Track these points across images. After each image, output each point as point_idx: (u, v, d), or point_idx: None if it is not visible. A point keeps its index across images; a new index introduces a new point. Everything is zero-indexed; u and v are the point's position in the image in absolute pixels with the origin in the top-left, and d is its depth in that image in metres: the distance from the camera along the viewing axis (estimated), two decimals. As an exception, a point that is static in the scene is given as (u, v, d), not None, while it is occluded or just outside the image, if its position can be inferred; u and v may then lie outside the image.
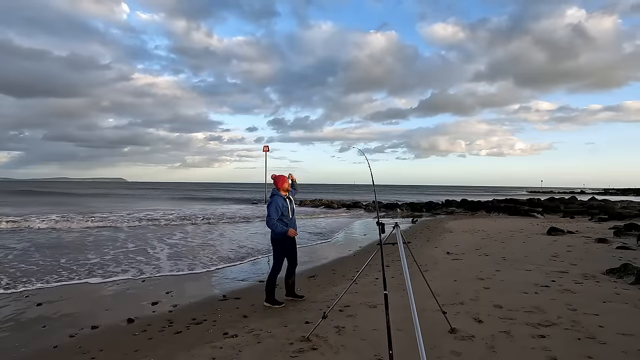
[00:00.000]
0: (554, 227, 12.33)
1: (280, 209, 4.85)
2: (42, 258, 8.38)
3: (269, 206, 4.89)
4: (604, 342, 3.40)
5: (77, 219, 15.48)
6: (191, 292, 5.90)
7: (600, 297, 4.77)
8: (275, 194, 4.96)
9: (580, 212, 21.31)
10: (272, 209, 4.83)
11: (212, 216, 19.23)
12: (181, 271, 7.34)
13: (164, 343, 3.80)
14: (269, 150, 37.13)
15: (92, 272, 7.17)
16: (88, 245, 10.26)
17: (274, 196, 4.94)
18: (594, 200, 30.93)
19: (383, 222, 3.28)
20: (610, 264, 6.58)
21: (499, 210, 23.27)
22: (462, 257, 8.05)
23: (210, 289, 6.16)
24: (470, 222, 16.96)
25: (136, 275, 6.93)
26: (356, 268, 7.20)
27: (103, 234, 12.53)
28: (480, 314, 4.25)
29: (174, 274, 7.09)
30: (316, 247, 10.58)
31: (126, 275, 6.93)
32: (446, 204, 28.88)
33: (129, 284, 6.43)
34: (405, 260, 3.07)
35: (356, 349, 3.41)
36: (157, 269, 7.46)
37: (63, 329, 4.33)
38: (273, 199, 4.91)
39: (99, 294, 5.88)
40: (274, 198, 4.91)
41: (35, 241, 10.78)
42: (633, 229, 10.94)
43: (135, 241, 10.95)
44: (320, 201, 32.98)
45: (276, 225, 4.81)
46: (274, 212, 4.82)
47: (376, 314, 4.33)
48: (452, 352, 3.27)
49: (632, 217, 16.31)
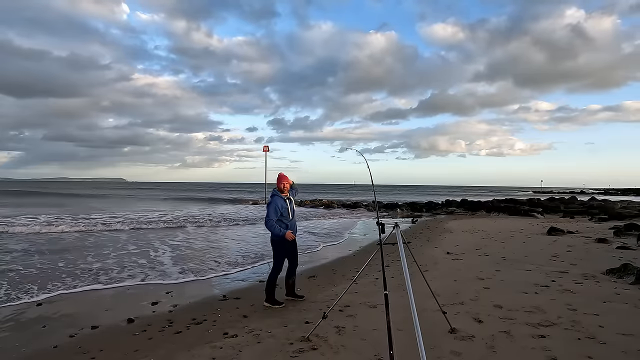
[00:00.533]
0: (554, 227, 12.32)
1: (280, 209, 4.79)
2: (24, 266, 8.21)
3: (269, 206, 4.82)
4: (604, 342, 3.40)
5: (67, 222, 14.85)
6: (191, 292, 5.89)
7: (600, 297, 4.76)
8: (275, 194, 4.89)
9: (580, 212, 21.30)
10: (271, 209, 4.77)
11: (212, 217, 19.22)
12: (187, 278, 6.80)
13: (164, 343, 3.80)
14: (269, 150, 37.10)
15: (94, 278, 6.66)
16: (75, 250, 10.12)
17: (274, 196, 4.87)
18: (594, 200, 30.95)
19: (383, 222, 3.29)
20: (610, 264, 6.58)
21: (499, 210, 23.27)
22: (462, 257, 8.05)
23: (210, 289, 6.16)
24: (470, 222, 16.95)
25: (141, 281, 6.55)
26: (356, 268, 7.20)
27: (96, 237, 12.51)
28: (480, 314, 4.25)
29: (179, 282, 6.58)
30: (318, 249, 10.48)
31: (132, 282, 6.50)
32: (446, 204, 28.88)
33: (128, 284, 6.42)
34: (405, 260, 3.07)
35: (356, 349, 3.41)
36: (161, 276, 6.92)
37: (63, 329, 4.33)
38: (273, 200, 4.84)
39: (98, 294, 5.88)
40: (274, 198, 4.84)
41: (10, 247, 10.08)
42: (633, 229, 10.94)
43: (137, 242, 10.93)
44: (320, 201, 32.96)
45: (274, 226, 4.74)
46: (272, 212, 4.75)
47: (376, 314, 4.33)
48: (452, 352, 3.27)
49: (632, 217, 16.31)
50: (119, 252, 9.20)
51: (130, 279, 6.72)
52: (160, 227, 14.65)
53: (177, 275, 7.04)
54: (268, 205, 4.87)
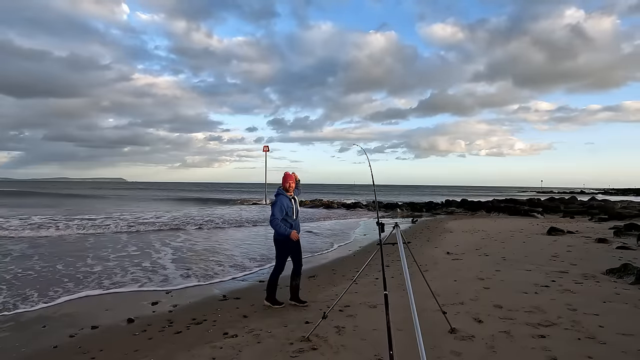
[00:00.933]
0: (554, 227, 12.32)
1: (285, 208, 4.70)
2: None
3: (274, 205, 4.73)
4: (604, 342, 3.39)
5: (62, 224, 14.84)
6: (191, 292, 5.89)
7: (600, 297, 4.76)
8: (281, 193, 4.81)
9: (580, 212, 21.31)
10: (277, 208, 4.67)
11: (212, 218, 19.19)
12: (189, 283, 6.46)
13: (164, 343, 3.80)
14: (269, 150, 37.25)
15: (98, 282, 6.40)
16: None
17: (279, 195, 4.79)
18: (594, 200, 30.95)
19: (383, 222, 3.28)
20: (610, 264, 6.58)
21: (499, 210, 23.28)
22: (462, 257, 8.05)
23: (211, 288, 6.16)
24: (470, 222, 16.96)
25: (140, 287, 6.21)
26: (356, 268, 7.20)
27: (96, 238, 12.51)
28: (480, 314, 4.25)
29: (182, 287, 6.24)
30: (327, 251, 10.35)
31: (131, 288, 6.19)
32: (446, 204, 28.89)
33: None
34: (405, 260, 3.07)
35: (356, 349, 3.41)
36: (164, 281, 6.57)
37: (63, 329, 4.33)
38: (278, 198, 4.76)
39: (98, 294, 5.87)
40: (279, 197, 4.76)
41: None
42: (633, 229, 10.94)
43: (138, 244, 10.93)
44: (320, 201, 32.96)
45: (280, 225, 4.65)
46: (278, 211, 4.66)
47: (376, 314, 4.33)
48: (452, 352, 3.27)
49: (632, 217, 16.31)
50: (119, 254, 9.19)
51: (132, 283, 6.42)
52: (160, 229, 14.42)
53: (180, 280, 6.67)
54: (273, 204, 4.78)
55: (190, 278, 6.84)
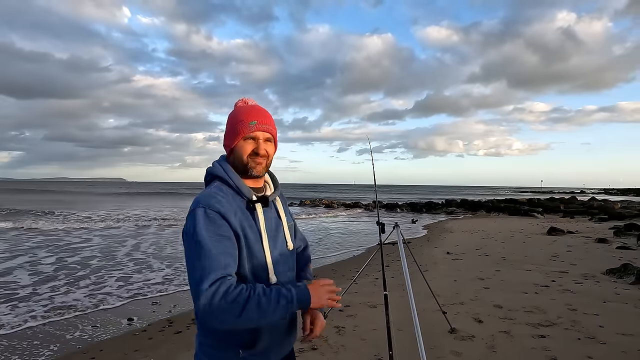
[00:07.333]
0: (554, 227, 12.32)
1: (242, 236, 4.44)
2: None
3: (190, 242, 4.29)
4: (604, 342, 3.40)
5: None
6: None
7: (600, 297, 4.76)
8: (216, 188, 4.44)
9: (580, 212, 21.29)
10: (203, 250, 4.31)
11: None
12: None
13: (164, 343, 3.80)
14: (269, 150, 37.15)
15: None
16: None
17: (210, 197, 4.35)
18: (594, 200, 30.93)
19: (383, 222, 3.28)
20: (610, 264, 6.57)
21: (499, 210, 23.29)
22: (462, 257, 8.05)
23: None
24: (470, 222, 16.96)
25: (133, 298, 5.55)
26: (356, 268, 7.19)
27: (97, 239, 12.51)
28: (480, 314, 4.25)
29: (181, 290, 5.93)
30: (319, 251, 10.51)
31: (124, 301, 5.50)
32: (446, 204, 28.90)
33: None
34: (405, 260, 3.07)
35: (356, 349, 3.41)
36: (165, 281, 6.41)
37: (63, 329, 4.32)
38: (201, 213, 4.20)
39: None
40: (212, 202, 4.29)
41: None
42: (633, 229, 10.93)
43: (138, 245, 10.92)
44: (320, 201, 33.04)
45: (234, 308, 4.28)
46: (208, 261, 4.33)
47: (376, 314, 4.33)
48: (452, 352, 3.27)
49: (632, 217, 16.30)
50: (119, 255, 9.19)
51: (132, 283, 6.47)
52: (160, 230, 14.45)
53: (180, 279, 6.52)
54: (188, 235, 4.31)
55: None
